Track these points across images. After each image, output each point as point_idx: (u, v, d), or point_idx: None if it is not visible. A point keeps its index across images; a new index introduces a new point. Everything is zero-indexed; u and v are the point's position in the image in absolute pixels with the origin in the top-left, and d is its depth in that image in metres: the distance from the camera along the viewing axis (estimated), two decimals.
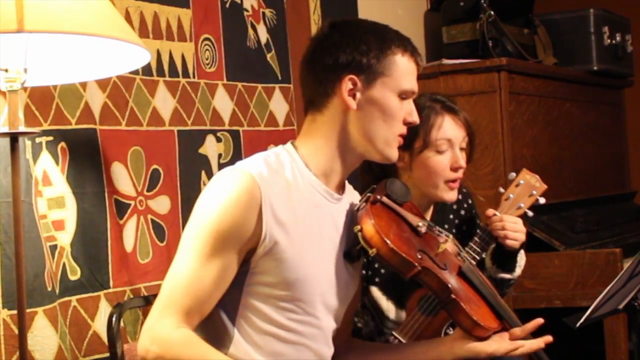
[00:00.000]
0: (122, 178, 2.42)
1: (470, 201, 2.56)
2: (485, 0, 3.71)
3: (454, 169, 2.36)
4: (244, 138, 2.86)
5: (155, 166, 2.53)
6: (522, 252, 2.46)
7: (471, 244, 2.36)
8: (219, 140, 2.75)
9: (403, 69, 1.92)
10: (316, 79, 1.92)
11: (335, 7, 3.41)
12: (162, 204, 2.55)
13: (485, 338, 2.00)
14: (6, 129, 1.82)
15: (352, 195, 2.05)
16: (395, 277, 2.14)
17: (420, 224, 2.02)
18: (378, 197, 1.98)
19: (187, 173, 2.64)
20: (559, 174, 3.88)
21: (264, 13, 3.02)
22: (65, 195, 2.25)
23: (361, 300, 2.27)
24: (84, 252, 2.27)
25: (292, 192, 1.86)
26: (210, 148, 2.74)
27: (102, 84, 2.37)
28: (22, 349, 1.84)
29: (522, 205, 2.39)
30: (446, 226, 2.50)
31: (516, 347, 2.01)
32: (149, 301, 2.25)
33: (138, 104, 2.49)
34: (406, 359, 2.07)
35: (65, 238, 2.24)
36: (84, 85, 2.31)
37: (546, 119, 3.84)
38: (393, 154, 1.95)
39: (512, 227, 2.34)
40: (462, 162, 2.38)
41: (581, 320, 2.37)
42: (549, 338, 2.06)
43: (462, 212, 2.54)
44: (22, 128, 1.85)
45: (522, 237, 2.36)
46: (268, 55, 3.01)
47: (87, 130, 2.32)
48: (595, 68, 4.10)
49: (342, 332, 2.03)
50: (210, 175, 2.68)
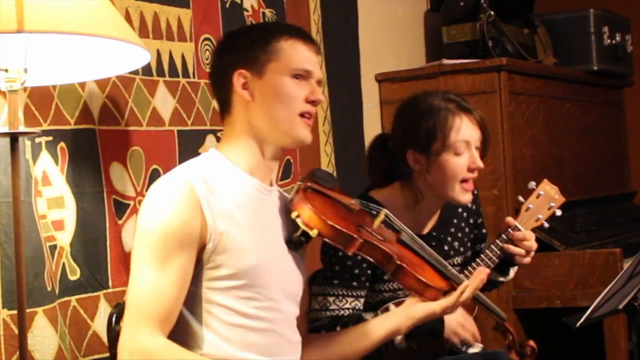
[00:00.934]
0: (122, 178, 2.42)
1: (475, 191, 2.54)
2: (485, 0, 3.71)
3: (471, 170, 2.35)
4: None
5: (155, 166, 2.53)
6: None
7: (488, 252, 2.35)
8: (219, 140, 2.75)
9: (290, 51, 1.97)
10: (217, 83, 2.02)
11: (335, 7, 3.41)
12: None
13: (437, 299, 2.06)
14: (6, 129, 1.82)
15: (282, 192, 2.10)
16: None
17: (352, 201, 2.10)
18: (308, 184, 2.04)
19: None
20: (559, 174, 3.88)
21: (264, 13, 3.01)
22: (64, 195, 2.24)
23: None
24: (83, 252, 2.27)
25: (227, 187, 1.91)
26: (211, 148, 2.73)
27: (102, 84, 2.36)
28: (22, 349, 1.84)
29: (541, 217, 2.39)
30: (455, 221, 2.50)
31: (462, 291, 2.05)
32: None
33: (138, 104, 2.49)
34: (367, 336, 2.10)
35: (64, 238, 2.24)
36: (83, 85, 2.30)
37: (546, 119, 3.84)
38: (302, 134, 1.99)
39: (534, 247, 2.36)
40: (480, 163, 2.35)
41: (581, 320, 2.37)
42: (486, 271, 2.11)
43: (470, 204, 2.52)
44: (22, 128, 1.85)
45: (533, 255, 2.38)
46: None
47: (87, 130, 2.32)
48: (595, 68, 4.10)
49: (299, 323, 2.07)
50: None
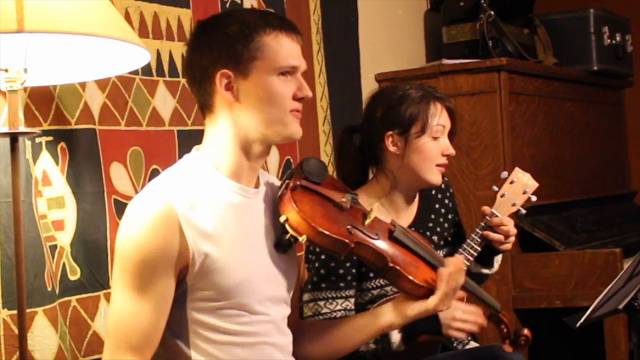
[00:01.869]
0: (122, 178, 2.42)
1: (451, 190, 2.63)
2: (485, 0, 3.71)
3: (445, 155, 2.44)
4: None
5: (154, 166, 2.53)
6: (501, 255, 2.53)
7: (469, 242, 2.39)
8: None
9: (275, 47, 1.87)
10: (196, 82, 1.90)
11: (335, 7, 3.41)
12: None
13: (430, 294, 2.02)
14: (6, 129, 1.82)
15: (270, 183, 2.03)
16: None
17: (343, 199, 2.03)
18: (297, 182, 1.97)
19: None
20: (559, 174, 3.88)
21: None
22: (65, 195, 2.24)
23: None
24: (83, 252, 2.27)
25: (209, 199, 1.84)
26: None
27: (102, 84, 2.37)
28: (22, 349, 1.84)
29: (516, 202, 2.46)
30: (433, 216, 2.54)
31: (446, 280, 2.01)
32: None
33: (138, 104, 2.49)
34: (359, 330, 2.08)
35: (65, 238, 2.24)
36: (83, 85, 2.30)
37: (546, 119, 3.84)
38: (293, 130, 1.92)
39: (512, 231, 2.39)
40: (452, 150, 2.46)
41: (581, 320, 2.37)
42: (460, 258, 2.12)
43: (446, 201, 2.59)
44: (22, 128, 1.85)
45: (513, 240, 2.42)
46: None
47: (87, 130, 2.32)
48: (595, 68, 4.10)
49: (289, 318, 2.04)
50: None
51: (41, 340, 2.07)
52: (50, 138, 2.21)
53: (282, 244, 1.95)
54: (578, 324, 2.38)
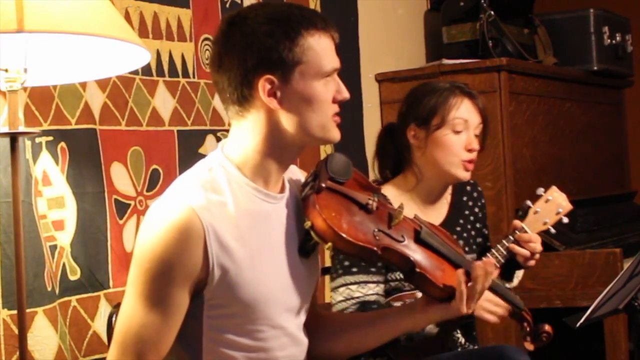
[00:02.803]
0: (122, 178, 2.42)
1: (483, 200, 2.60)
2: (485, 0, 3.71)
3: (468, 150, 2.41)
4: None
5: (155, 166, 2.53)
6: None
7: (494, 252, 2.38)
8: (219, 140, 2.75)
9: (319, 51, 1.78)
10: (231, 86, 1.78)
11: (335, 7, 3.41)
12: None
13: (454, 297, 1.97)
14: (6, 129, 1.82)
15: (295, 180, 1.97)
16: None
17: (369, 201, 1.95)
18: (322, 184, 1.89)
19: None
20: (559, 174, 3.88)
21: None
22: (65, 195, 2.25)
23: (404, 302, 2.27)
24: (83, 252, 2.27)
25: (233, 207, 1.77)
26: (210, 148, 2.73)
27: (102, 84, 2.37)
28: (22, 349, 1.84)
29: (548, 221, 2.44)
30: (461, 221, 2.53)
31: (474, 286, 1.95)
32: None
33: (138, 104, 2.49)
34: (382, 329, 2.03)
35: (65, 238, 2.24)
36: (83, 85, 2.31)
37: (546, 119, 3.84)
38: (334, 135, 1.85)
39: (539, 249, 2.39)
40: (476, 145, 2.43)
41: (581, 320, 2.37)
42: (492, 261, 2.07)
43: (477, 209, 2.57)
44: (22, 128, 1.85)
45: (538, 257, 2.41)
46: None
47: (87, 130, 2.32)
48: (595, 68, 4.10)
49: (309, 313, 1.99)
50: None
51: (41, 340, 2.07)
52: (50, 138, 2.21)
53: (306, 249, 1.90)
54: (578, 324, 2.38)
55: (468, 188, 2.57)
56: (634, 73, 4.49)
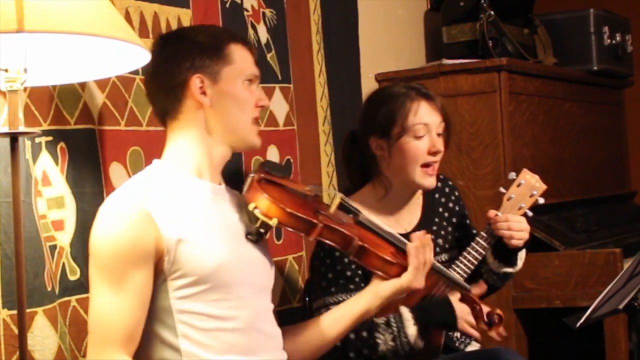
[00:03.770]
0: (122, 178, 2.42)
1: (457, 193, 2.60)
2: (485, 0, 3.71)
3: (432, 153, 2.40)
4: None
5: None
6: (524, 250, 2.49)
7: (474, 244, 2.38)
8: None
9: (242, 56, 2.02)
10: (164, 89, 2.01)
11: (335, 7, 3.41)
12: None
13: (402, 272, 2.09)
14: (6, 129, 1.82)
15: (230, 189, 2.11)
16: (429, 305, 2.17)
17: (307, 188, 2.13)
18: (261, 175, 2.06)
19: None
20: (559, 174, 3.88)
21: (264, 13, 3.01)
22: (64, 195, 2.24)
23: (387, 317, 2.29)
24: (83, 252, 2.27)
25: (180, 192, 1.92)
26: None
27: (102, 84, 2.36)
28: (22, 349, 1.84)
29: (523, 205, 2.43)
30: (437, 220, 2.53)
31: (414, 254, 2.08)
32: None
33: (137, 104, 2.49)
34: (338, 320, 2.13)
35: (64, 238, 2.24)
36: (83, 85, 2.30)
37: (546, 119, 3.84)
38: (255, 141, 2.05)
39: (517, 227, 2.38)
40: (440, 146, 2.42)
41: (581, 320, 2.37)
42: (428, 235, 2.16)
43: (451, 204, 2.57)
44: (22, 128, 1.85)
45: (526, 235, 2.41)
46: (268, 55, 3.00)
47: (87, 130, 2.32)
48: (595, 68, 4.10)
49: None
50: None
51: (41, 340, 2.07)
52: (50, 138, 2.21)
53: (253, 232, 2.00)
54: (578, 324, 2.38)
55: (439, 185, 2.55)
56: (634, 73, 4.49)
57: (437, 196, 2.55)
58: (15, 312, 1.95)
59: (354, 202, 2.31)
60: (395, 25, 3.88)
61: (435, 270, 2.20)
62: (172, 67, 1.99)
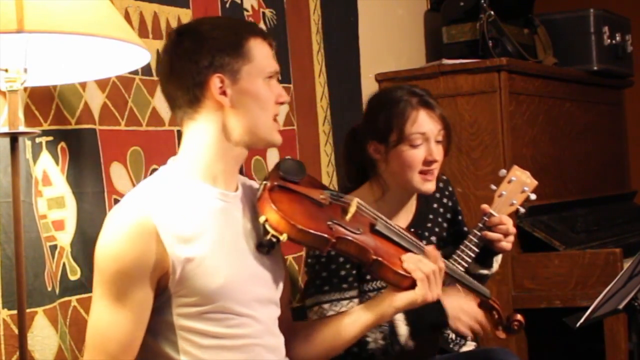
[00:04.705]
0: (122, 178, 2.42)
1: (450, 188, 2.60)
2: (485, 0, 3.71)
3: (428, 162, 2.39)
4: None
5: (154, 166, 2.53)
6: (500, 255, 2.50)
7: (467, 242, 2.37)
8: None
9: (262, 52, 1.94)
10: (182, 89, 1.91)
11: (335, 7, 3.41)
12: None
13: (414, 286, 2.04)
14: (6, 129, 1.82)
15: (249, 186, 2.06)
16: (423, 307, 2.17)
17: (322, 196, 2.04)
18: (275, 182, 1.99)
19: None
20: (559, 174, 3.88)
21: (264, 13, 3.02)
22: (65, 195, 2.24)
23: None
24: (84, 252, 2.27)
25: (188, 205, 1.87)
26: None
27: (102, 84, 2.37)
28: (22, 349, 1.84)
29: (515, 201, 2.42)
30: (431, 216, 2.53)
31: (416, 271, 2.03)
32: None
33: (137, 104, 2.49)
34: (350, 325, 2.08)
35: (65, 238, 2.24)
36: (83, 85, 2.30)
37: (546, 119, 3.84)
38: (278, 138, 1.98)
39: (511, 230, 2.37)
40: (437, 156, 2.41)
41: (581, 320, 2.37)
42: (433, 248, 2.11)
43: (445, 200, 2.57)
44: (22, 128, 1.85)
45: (512, 239, 2.39)
46: None
47: (87, 130, 2.32)
48: (595, 68, 4.10)
49: (279, 323, 2.04)
50: None
51: (41, 340, 2.07)
52: (50, 138, 2.21)
53: (264, 244, 1.96)
54: (578, 324, 2.38)
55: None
56: (634, 73, 4.49)
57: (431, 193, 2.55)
58: (15, 312, 1.95)
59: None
60: (395, 25, 3.88)
61: (452, 277, 2.18)
62: (189, 66, 1.90)
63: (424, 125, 2.39)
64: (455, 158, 3.47)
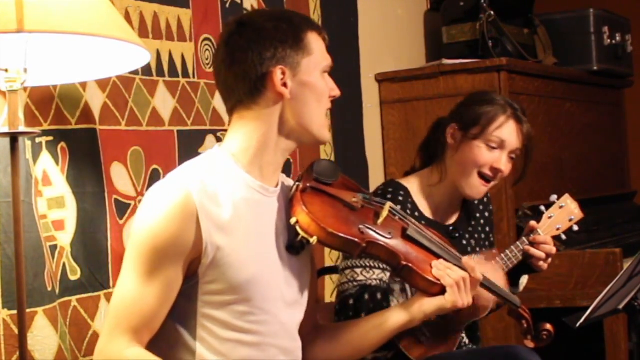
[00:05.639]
0: (122, 178, 2.42)
1: (491, 207, 2.65)
2: (485, 0, 3.71)
3: (492, 169, 2.43)
4: None
5: (155, 166, 2.53)
6: (527, 276, 2.54)
7: (508, 254, 2.40)
8: (219, 140, 2.75)
9: (319, 46, 1.96)
10: (243, 79, 1.90)
11: (335, 7, 3.41)
12: None
13: (444, 292, 2.02)
14: (6, 129, 1.82)
15: (289, 186, 2.04)
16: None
17: (354, 199, 2.02)
18: (307, 184, 1.98)
19: None
20: (558, 173, 3.88)
21: None
22: (65, 195, 2.24)
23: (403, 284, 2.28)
24: (84, 252, 2.27)
25: (228, 192, 1.86)
26: (216, 145, 2.73)
27: (102, 84, 2.37)
28: (22, 349, 1.84)
29: (560, 227, 2.50)
30: (473, 223, 2.56)
31: (445, 277, 2.02)
32: None
33: (138, 104, 2.49)
34: (376, 328, 2.07)
35: (65, 238, 2.24)
36: (83, 85, 2.31)
37: (546, 119, 3.84)
38: (327, 135, 2.00)
39: (552, 252, 2.42)
40: (503, 167, 2.44)
41: (581, 320, 2.37)
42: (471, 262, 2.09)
43: (487, 214, 2.62)
44: (22, 128, 1.85)
45: (550, 262, 2.44)
46: None
47: (87, 130, 2.32)
48: (595, 68, 4.10)
49: (305, 323, 2.04)
50: None
51: (41, 340, 2.07)
52: (50, 138, 2.21)
53: (294, 246, 1.95)
54: (578, 324, 2.38)
55: None
56: (634, 73, 4.50)
57: (477, 202, 2.58)
58: (15, 312, 1.95)
59: (408, 183, 2.37)
60: (395, 25, 3.88)
61: (484, 285, 2.16)
62: (252, 57, 1.89)
63: (507, 134, 2.44)
64: None
